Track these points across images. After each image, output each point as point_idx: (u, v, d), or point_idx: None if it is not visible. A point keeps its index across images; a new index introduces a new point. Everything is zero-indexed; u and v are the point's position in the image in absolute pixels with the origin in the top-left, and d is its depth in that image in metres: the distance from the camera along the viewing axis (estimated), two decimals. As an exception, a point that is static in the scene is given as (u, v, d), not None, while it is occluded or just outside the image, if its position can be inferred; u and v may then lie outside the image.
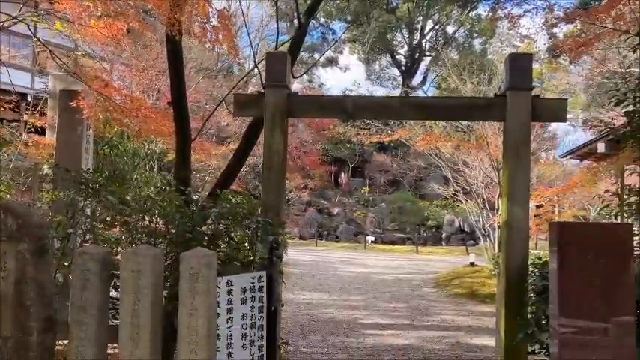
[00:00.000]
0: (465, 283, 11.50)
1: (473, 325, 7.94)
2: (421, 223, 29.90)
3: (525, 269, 4.28)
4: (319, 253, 20.70)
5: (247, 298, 3.79)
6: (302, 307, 8.87)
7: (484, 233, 13.70)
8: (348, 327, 7.56)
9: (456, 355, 6.32)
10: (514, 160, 4.38)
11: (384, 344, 6.67)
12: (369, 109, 4.79)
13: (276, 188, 4.62)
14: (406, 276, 13.88)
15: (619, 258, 3.11)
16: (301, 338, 6.87)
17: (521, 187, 4.36)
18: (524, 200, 4.36)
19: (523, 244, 4.33)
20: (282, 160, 4.67)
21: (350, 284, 11.90)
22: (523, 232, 4.34)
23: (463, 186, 14.99)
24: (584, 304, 3.06)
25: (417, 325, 7.84)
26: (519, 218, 4.33)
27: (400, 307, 9.34)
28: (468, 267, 13.97)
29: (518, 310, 4.25)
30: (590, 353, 3.00)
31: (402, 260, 18.93)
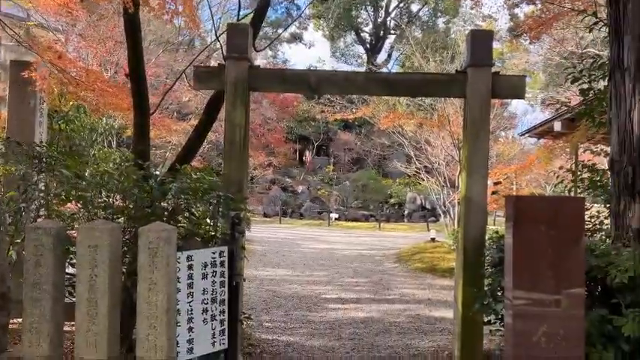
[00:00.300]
0: (425, 258, 11.78)
1: (432, 299, 8.16)
2: (384, 200, 30.31)
3: (483, 242, 4.40)
4: (283, 230, 20.75)
5: (208, 273, 3.76)
6: (265, 284, 8.90)
7: (444, 210, 14.03)
8: (311, 302, 7.65)
9: (416, 326, 6.49)
10: (474, 136, 4.45)
11: (345, 318, 6.78)
12: (333, 84, 4.76)
13: (239, 163, 4.56)
14: (369, 252, 14.10)
15: (571, 231, 3.20)
16: (264, 313, 6.91)
17: (480, 162, 4.45)
18: (483, 175, 4.46)
19: (481, 217, 4.44)
20: (244, 135, 4.60)
21: (313, 261, 12.00)
22: (481, 206, 4.44)
23: (425, 164, 15.24)
24: (536, 277, 3.16)
25: (379, 299, 7.99)
26: (478, 192, 4.43)
27: (362, 282, 9.50)
28: (428, 243, 14.30)
29: (475, 282, 4.37)
30: (542, 324, 3.11)
31: (365, 237, 19.19)
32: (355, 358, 5.23)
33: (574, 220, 3.19)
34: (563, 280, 3.12)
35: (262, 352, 5.28)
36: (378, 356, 5.30)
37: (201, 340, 3.67)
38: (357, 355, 5.29)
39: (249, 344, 5.47)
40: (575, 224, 3.19)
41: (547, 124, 11.61)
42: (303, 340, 5.74)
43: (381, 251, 14.32)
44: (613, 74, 4.16)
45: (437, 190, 14.77)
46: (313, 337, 5.88)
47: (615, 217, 4.11)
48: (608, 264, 3.36)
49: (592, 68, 4.91)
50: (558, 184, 5.50)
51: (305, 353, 5.29)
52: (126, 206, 4.01)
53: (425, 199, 29.67)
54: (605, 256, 3.47)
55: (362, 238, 18.70)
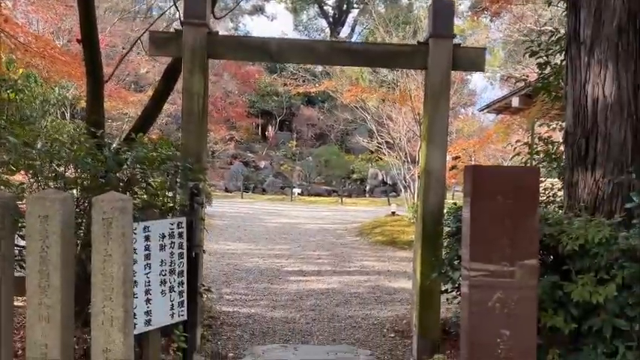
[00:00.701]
0: (386, 231, 11.96)
1: (392, 270, 8.31)
2: (346, 176, 30.51)
3: (441, 213, 4.47)
4: (245, 205, 20.63)
5: (166, 245, 3.68)
6: (226, 257, 8.85)
7: (405, 184, 14.22)
8: (272, 275, 7.66)
9: (376, 297, 6.61)
10: (434, 107, 4.48)
11: (306, 289, 6.83)
12: (293, 52, 4.67)
13: (197, 133, 4.45)
14: (330, 226, 14.21)
15: (526, 201, 3.26)
16: (225, 286, 6.88)
17: (440, 134, 4.50)
18: (443, 146, 4.51)
19: (440, 188, 4.51)
20: (203, 104, 4.48)
21: (275, 235, 12.01)
22: (440, 177, 4.50)
23: (387, 139, 15.35)
24: (493, 246, 3.21)
25: (340, 271, 8.09)
26: (437, 164, 4.48)
27: (324, 255, 9.57)
28: (389, 216, 14.52)
29: (434, 252, 4.46)
30: (497, 291, 3.19)
31: (327, 211, 19.31)
32: (315, 328, 5.28)
33: (530, 190, 3.25)
34: (519, 250, 3.19)
35: (222, 324, 5.27)
36: (338, 326, 5.37)
37: (159, 311, 3.62)
38: (318, 326, 5.35)
39: (210, 317, 5.44)
40: (530, 194, 3.26)
41: (505, 99, 11.85)
42: (264, 312, 5.76)
43: (342, 225, 14.45)
44: (569, 48, 4.23)
45: (398, 166, 14.92)
46: (274, 309, 5.90)
47: (568, 189, 4.23)
48: (560, 232, 3.47)
49: (550, 42, 5.00)
50: (514, 157, 5.63)
51: (265, 324, 5.31)
52: (79, 176, 3.86)
53: (386, 175, 30.04)
54: (557, 224, 3.58)
55: (324, 212, 18.82)
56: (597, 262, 3.29)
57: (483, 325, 3.32)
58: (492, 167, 3.66)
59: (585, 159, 4.08)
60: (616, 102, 3.91)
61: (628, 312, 3.16)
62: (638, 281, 3.18)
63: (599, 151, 4.01)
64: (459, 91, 16.84)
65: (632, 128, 3.90)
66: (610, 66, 3.96)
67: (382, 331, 5.23)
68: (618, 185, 3.93)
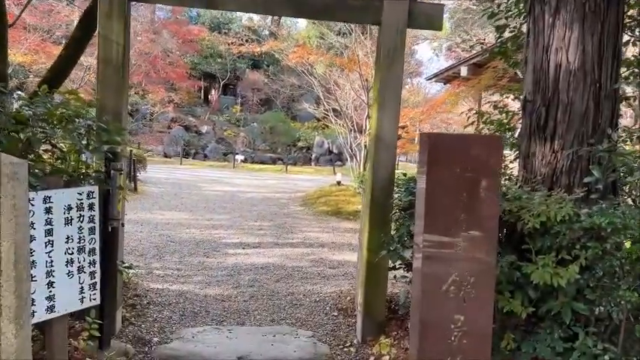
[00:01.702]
0: (330, 201, 11.65)
1: (336, 242, 8.01)
2: (292, 143, 29.99)
3: (391, 184, 4.12)
4: (185, 171, 19.73)
5: (73, 218, 3.11)
6: (160, 228, 8.23)
7: (351, 153, 13.91)
8: (209, 247, 7.16)
9: (319, 271, 6.27)
10: (387, 68, 4.06)
11: (245, 264, 6.40)
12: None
13: (116, 87, 3.82)
14: (274, 195, 13.76)
15: (486, 173, 2.93)
16: (156, 260, 6.32)
17: (393, 98, 4.10)
18: (395, 110, 4.12)
19: (390, 156, 4.14)
20: (123, 54, 3.84)
21: (215, 203, 11.42)
22: (391, 144, 4.13)
23: (334, 107, 14.90)
24: (449, 221, 2.88)
25: (282, 244, 7.69)
26: (388, 129, 4.10)
27: (266, 225, 9.14)
28: (334, 186, 14.23)
29: (382, 226, 4.12)
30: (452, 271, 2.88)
31: (271, 180, 18.81)
32: (253, 307, 4.88)
33: (490, 160, 2.92)
34: (477, 225, 2.88)
35: (149, 304, 4.76)
36: (277, 304, 4.99)
37: (65, 296, 3.08)
38: (256, 304, 4.95)
39: (135, 295, 4.92)
40: (491, 166, 2.94)
41: (454, 68, 11.66)
42: (198, 289, 5.28)
43: (286, 194, 14.03)
44: (533, 8, 3.90)
45: (345, 134, 14.56)
46: (209, 286, 5.44)
47: (524, 160, 3.97)
48: (520, 208, 3.19)
49: (510, 4, 4.67)
50: (467, 127, 5.36)
51: (198, 303, 4.85)
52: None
53: (332, 144, 29.76)
54: (516, 200, 3.30)
55: (268, 181, 18.30)
56: (559, 241, 3.04)
57: (437, 307, 3.00)
58: (451, 135, 3.30)
59: (544, 129, 3.82)
60: (580, 68, 3.64)
61: (588, 295, 2.94)
62: (600, 262, 2.95)
63: (559, 120, 3.75)
64: (406, 61, 16.52)
65: (594, 97, 3.65)
66: (575, 28, 3.66)
67: (325, 310, 4.89)
68: (578, 158, 3.70)
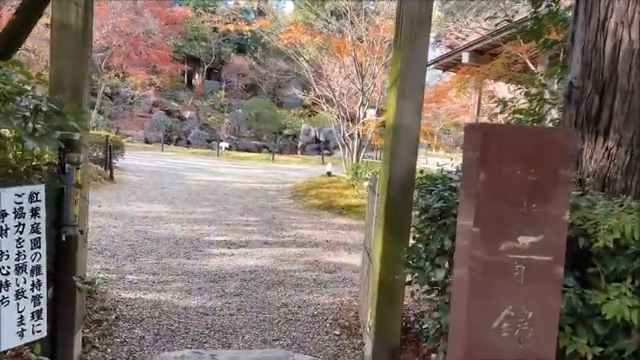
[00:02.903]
0: (322, 194, 10.95)
1: (331, 240, 7.33)
2: (278, 131, 29.21)
3: (412, 185, 3.43)
4: (166, 159, 18.81)
5: (9, 228, 2.36)
6: (136, 223, 7.45)
7: (344, 143, 13.19)
8: (190, 246, 6.41)
9: (314, 276, 5.58)
10: (410, 44, 3.35)
11: (231, 267, 5.68)
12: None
13: (75, 58, 3.05)
14: (261, 186, 13.00)
15: (554, 176, 2.23)
16: (129, 262, 5.56)
17: (416, 80, 3.40)
18: (418, 97, 3.42)
19: (411, 152, 3.45)
20: (84, 18, 3.07)
21: (198, 195, 10.62)
22: (413, 137, 3.44)
23: (325, 93, 14.14)
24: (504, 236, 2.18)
25: (271, 242, 6.98)
26: (410, 119, 3.41)
27: (253, 220, 8.41)
28: (324, 177, 13.53)
29: (401, 235, 3.44)
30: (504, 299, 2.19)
31: (257, 169, 18.03)
32: (241, 322, 4.17)
33: (560, 161, 2.24)
34: (540, 245, 2.20)
35: (118, 319, 4.02)
36: (269, 319, 4.29)
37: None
38: (244, 319, 4.24)
39: (102, 308, 4.17)
40: (560, 167, 2.25)
41: (455, 54, 10.99)
42: (176, 299, 4.55)
43: (274, 185, 13.29)
44: (586, -26, 3.22)
45: (337, 122, 13.82)
46: (189, 295, 4.71)
47: (569, 158, 3.29)
48: (583, 220, 2.51)
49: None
50: (491, 117, 4.70)
51: (176, 318, 4.13)
52: None
53: (319, 132, 29.06)
54: (575, 209, 2.62)
55: (254, 170, 17.52)
56: (636, 264, 2.38)
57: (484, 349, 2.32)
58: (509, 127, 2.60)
59: (596, 121, 3.15)
60: (646, 47, 2.98)
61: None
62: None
63: (615, 111, 3.08)
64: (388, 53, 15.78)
65: (663, 84, 2.99)
66: (643, -1, 2.98)
67: (324, 327, 4.21)
68: (638, 157, 3.05)
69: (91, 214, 7.77)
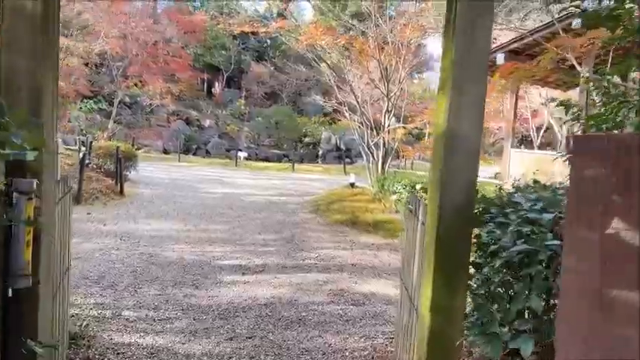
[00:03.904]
0: (345, 207, 10.15)
1: (357, 264, 6.53)
2: (298, 139, 28.56)
3: (471, 210, 2.65)
4: (182, 170, 18.24)
5: None
6: (143, 243, 6.77)
7: (367, 152, 12.37)
8: (200, 272, 5.68)
9: (341, 311, 4.78)
10: (467, 28, 2.58)
11: (244, 298, 4.92)
12: None
13: (30, 52, 2.34)
14: (280, 198, 12.26)
15: None
16: (129, 293, 4.85)
17: (476, 76, 2.62)
18: (479, 98, 2.63)
19: (471, 167, 2.66)
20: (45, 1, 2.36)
21: (212, 209, 9.92)
22: (472, 148, 2.64)
23: (348, 99, 13.36)
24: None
25: (290, 266, 6.21)
26: (468, 124, 2.62)
27: (271, 239, 7.66)
28: (347, 188, 12.75)
29: (455, 277, 2.64)
30: None
31: (276, 179, 17.32)
32: (254, 378, 3.40)
33: None
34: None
35: (104, 375, 3.29)
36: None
37: None
38: (258, 373, 3.47)
39: (86, 359, 3.44)
40: None
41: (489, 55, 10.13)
42: (178, 344, 3.81)
43: (294, 197, 12.54)
44: None
45: (361, 131, 13.02)
46: (194, 337, 3.96)
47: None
48: None
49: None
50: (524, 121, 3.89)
51: (175, 373, 3.38)
52: None
53: (340, 140, 28.32)
54: None
55: (273, 181, 16.82)
56: None
57: None
58: (626, 136, 1.75)
59: None
60: None
61: None
62: None
63: None
64: (414, 55, 14.87)
65: None
66: None
67: (356, 384, 3.41)
68: None
69: (93, 234, 7.15)
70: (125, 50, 20.18)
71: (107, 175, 11.16)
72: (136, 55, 20.94)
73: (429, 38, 24.87)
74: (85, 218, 8.08)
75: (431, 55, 31.72)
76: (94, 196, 9.57)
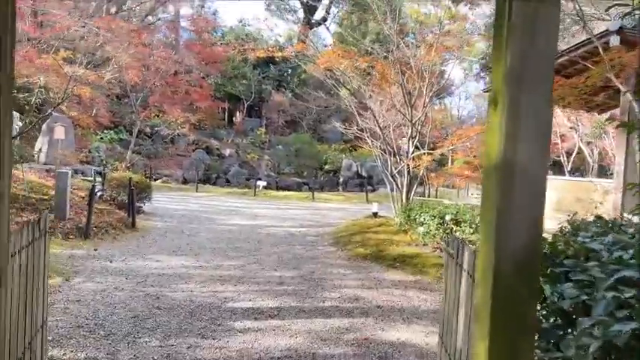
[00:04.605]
0: (369, 240, 9.51)
1: (383, 306, 5.87)
2: (318, 167, 28.12)
3: (537, 261, 2.02)
4: (199, 200, 17.85)
5: None
6: (149, 282, 6.25)
7: (391, 180, 11.76)
8: (208, 318, 5.10)
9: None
10: (526, 24, 1.99)
11: (256, 351, 4.31)
12: None
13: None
14: (299, 230, 11.68)
15: None
16: (126, 345, 4.29)
17: (539, 83, 2.02)
18: (545, 115, 2.02)
19: (536, 204, 2.03)
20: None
21: (228, 243, 9.39)
22: (538, 181, 2.02)
23: (369, 126, 12.84)
24: None
25: (309, 310, 5.58)
26: (531, 150, 2.01)
27: (288, 276, 7.06)
28: (370, 218, 12.11)
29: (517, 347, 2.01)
30: None
31: (295, 209, 16.78)
32: None
33: None
34: None
35: None
36: None
37: None
38: None
39: None
40: None
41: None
42: (174, 413, 3.21)
43: (314, 228, 11.95)
44: None
45: (383, 157, 12.45)
46: (194, 403, 3.36)
47: None
48: None
49: None
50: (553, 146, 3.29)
51: None
52: None
53: (361, 167, 27.79)
54: None
55: (292, 210, 16.28)
56: None
57: None
58: None
59: None
60: None
61: None
62: None
63: None
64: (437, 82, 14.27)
65: None
66: None
67: None
68: None
69: (98, 272, 6.65)
70: (145, 81, 20.19)
71: (120, 208, 10.78)
72: (156, 85, 20.95)
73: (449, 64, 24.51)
74: (91, 255, 7.63)
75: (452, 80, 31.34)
76: (103, 230, 9.14)
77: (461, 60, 26.13)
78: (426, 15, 18.75)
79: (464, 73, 36.45)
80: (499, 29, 2.19)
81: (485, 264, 2.12)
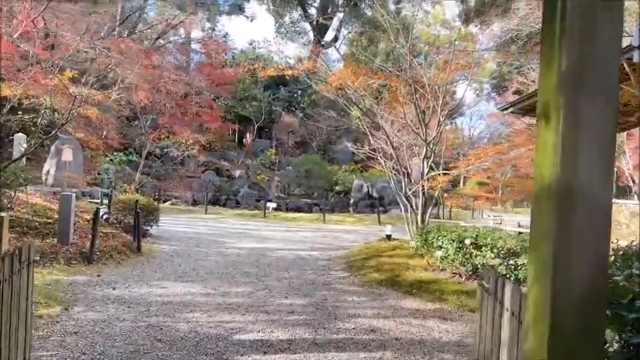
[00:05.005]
0: (383, 264, 9.10)
1: (402, 337, 5.46)
2: (329, 188, 27.79)
3: (603, 297, 1.68)
4: (207, 222, 17.54)
5: None
6: (152, 312, 5.90)
7: (405, 202, 11.38)
8: (214, 351, 4.73)
9: (386, 410, 3.73)
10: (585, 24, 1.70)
11: (266, 392, 3.93)
12: None
13: None
14: (310, 254, 11.29)
15: None
16: (123, 384, 3.93)
17: (601, 95, 1.71)
18: (607, 126, 1.72)
19: (600, 236, 1.70)
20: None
21: (236, 268, 9.04)
22: (602, 208, 1.70)
23: (381, 146, 12.54)
24: None
25: (322, 342, 5.19)
26: (592, 173, 1.70)
27: (299, 304, 6.68)
28: (383, 241, 11.71)
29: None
30: None
31: (306, 231, 16.41)
32: None
33: None
34: None
35: None
36: None
37: None
38: None
39: None
40: None
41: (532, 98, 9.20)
42: None
43: (326, 252, 11.56)
44: None
45: (395, 178, 12.11)
46: None
47: None
48: None
49: None
50: None
51: None
52: None
53: (372, 187, 27.42)
54: None
55: (303, 233, 15.91)
56: None
57: None
58: None
59: None
60: None
61: None
62: None
63: None
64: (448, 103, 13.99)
65: None
66: None
67: None
68: None
69: (99, 301, 6.31)
70: (155, 102, 20.15)
71: (126, 231, 10.50)
72: (166, 107, 20.89)
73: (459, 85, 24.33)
74: (93, 281, 7.31)
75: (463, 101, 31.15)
76: (107, 254, 8.84)
77: (472, 80, 25.97)
78: (435, 36, 18.64)
79: (474, 93, 36.28)
80: (549, 33, 1.87)
81: (538, 308, 1.77)
